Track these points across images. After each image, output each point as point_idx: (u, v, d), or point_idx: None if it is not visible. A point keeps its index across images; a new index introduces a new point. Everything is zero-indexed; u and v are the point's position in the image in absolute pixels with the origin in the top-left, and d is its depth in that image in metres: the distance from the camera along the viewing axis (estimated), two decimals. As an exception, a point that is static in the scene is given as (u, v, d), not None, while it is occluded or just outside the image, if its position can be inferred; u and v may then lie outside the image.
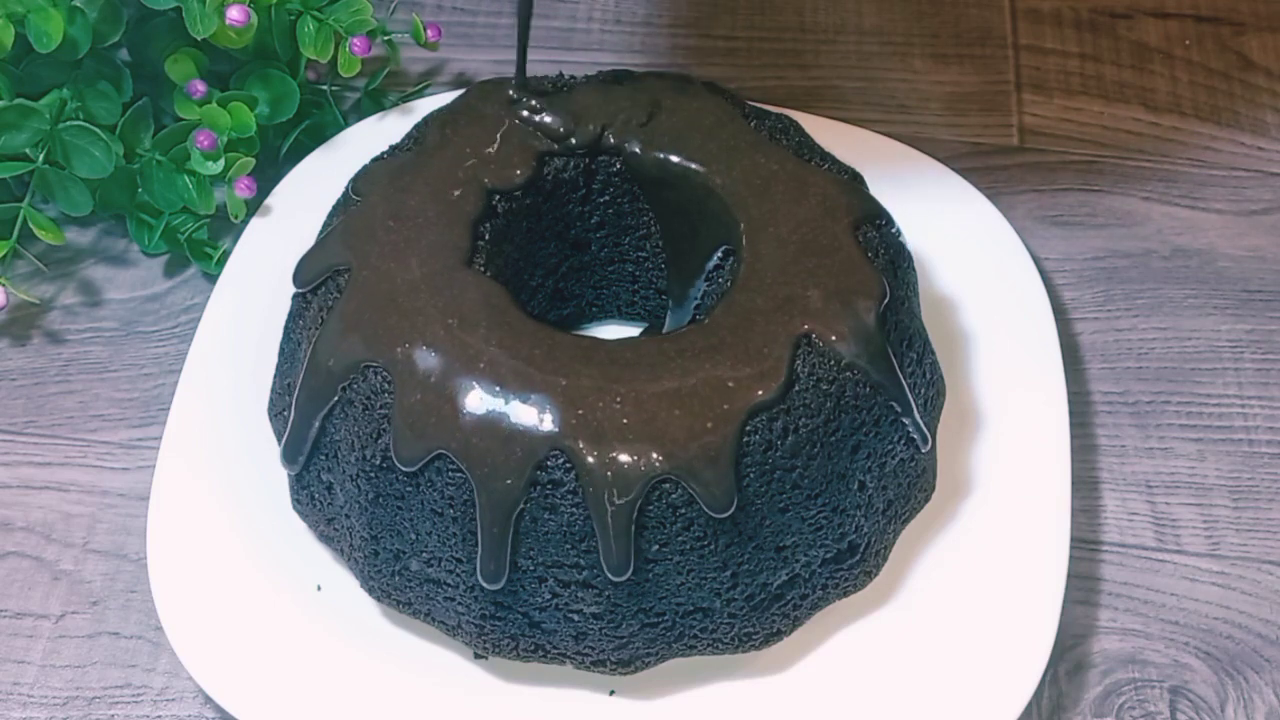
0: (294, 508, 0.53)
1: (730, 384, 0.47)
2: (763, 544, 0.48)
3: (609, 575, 0.47)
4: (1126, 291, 0.65)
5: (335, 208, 0.55)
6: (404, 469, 0.47)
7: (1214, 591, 0.56)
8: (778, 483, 0.47)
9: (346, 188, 0.54)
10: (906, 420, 0.50)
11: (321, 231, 0.54)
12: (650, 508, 0.46)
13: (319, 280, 0.51)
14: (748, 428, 0.46)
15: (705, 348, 0.48)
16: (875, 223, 0.53)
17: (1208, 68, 0.74)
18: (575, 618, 0.48)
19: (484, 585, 0.48)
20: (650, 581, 0.48)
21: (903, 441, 0.50)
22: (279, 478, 0.53)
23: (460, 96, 0.57)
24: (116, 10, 0.62)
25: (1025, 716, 0.52)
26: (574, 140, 0.54)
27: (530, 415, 0.46)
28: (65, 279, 0.65)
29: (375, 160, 0.55)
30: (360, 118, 0.66)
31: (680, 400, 0.46)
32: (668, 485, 0.46)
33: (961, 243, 0.61)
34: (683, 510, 0.46)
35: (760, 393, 0.47)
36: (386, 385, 0.48)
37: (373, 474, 0.48)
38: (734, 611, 0.49)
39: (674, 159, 0.54)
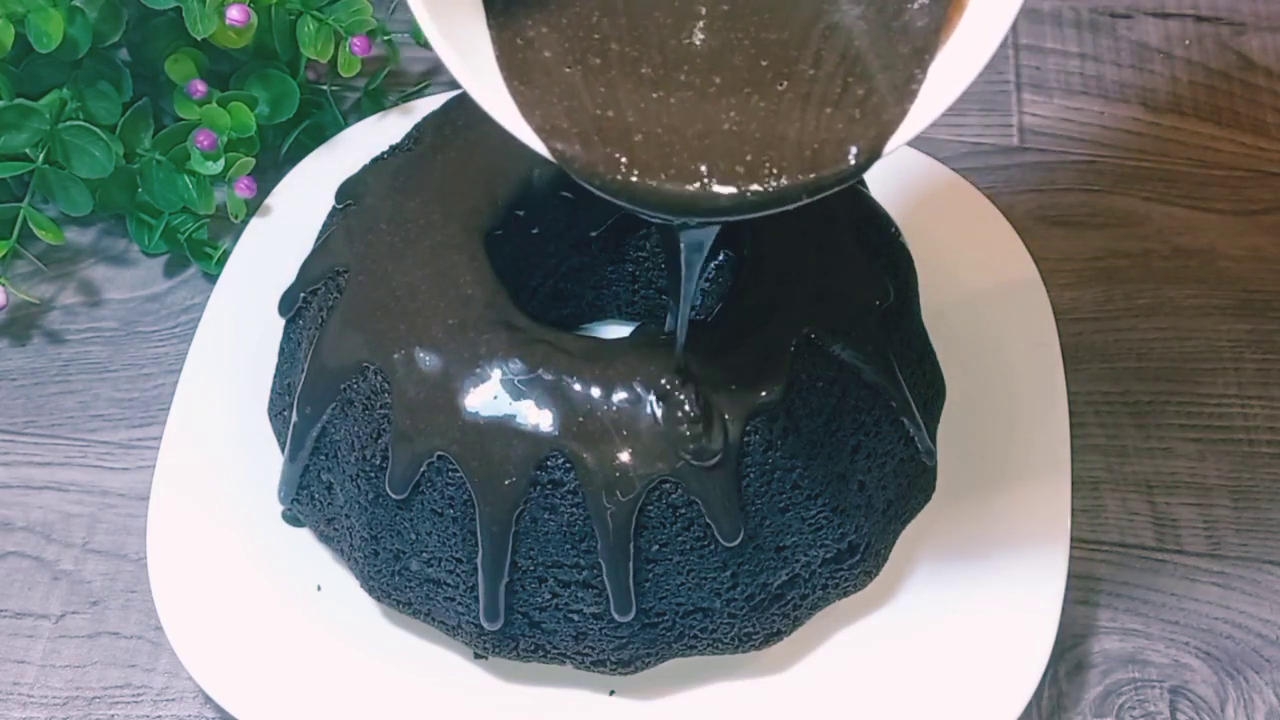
0: (293, 508, 0.53)
1: (730, 385, 0.47)
2: (763, 544, 0.48)
3: (615, 615, 0.47)
4: (1126, 291, 0.65)
5: (328, 218, 0.54)
6: (395, 496, 0.47)
7: (1214, 591, 0.56)
8: (778, 483, 0.47)
9: (344, 191, 0.54)
10: (905, 420, 0.50)
11: (317, 239, 0.54)
12: (650, 508, 0.46)
13: (318, 283, 0.51)
14: (748, 428, 0.46)
15: (705, 348, 0.48)
16: (875, 224, 0.53)
17: (1208, 68, 0.74)
18: (575, 618, 0.48)
19: (485, 626, 0.48)
20: (650, 581, 0.48)
21: (902, 442, 0.50)
22: (279, 478, 0.53)
23: (458, 96, 0.57)
24: (116, 10, 0.62)
25: (1025, 716, 0.52)
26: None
27: (530, 416, 0.46)
28: (65, 279, 0.65)
29: (365, 167, 0.55)
30: (360, 118, 0.66)
31: (681, 400, 0.46)
32: (668, 485, 0.46)
33: (961, 243, 0.61)
34: (683, 510, 0.46)
35: (761, 393, 0.47)
36: (386, 385, 0.48)
37: (373, 474, 0.48)
38: (734, 611, 0.49)
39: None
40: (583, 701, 0.51)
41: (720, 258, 0.55)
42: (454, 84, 0.72)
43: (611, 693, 0.51)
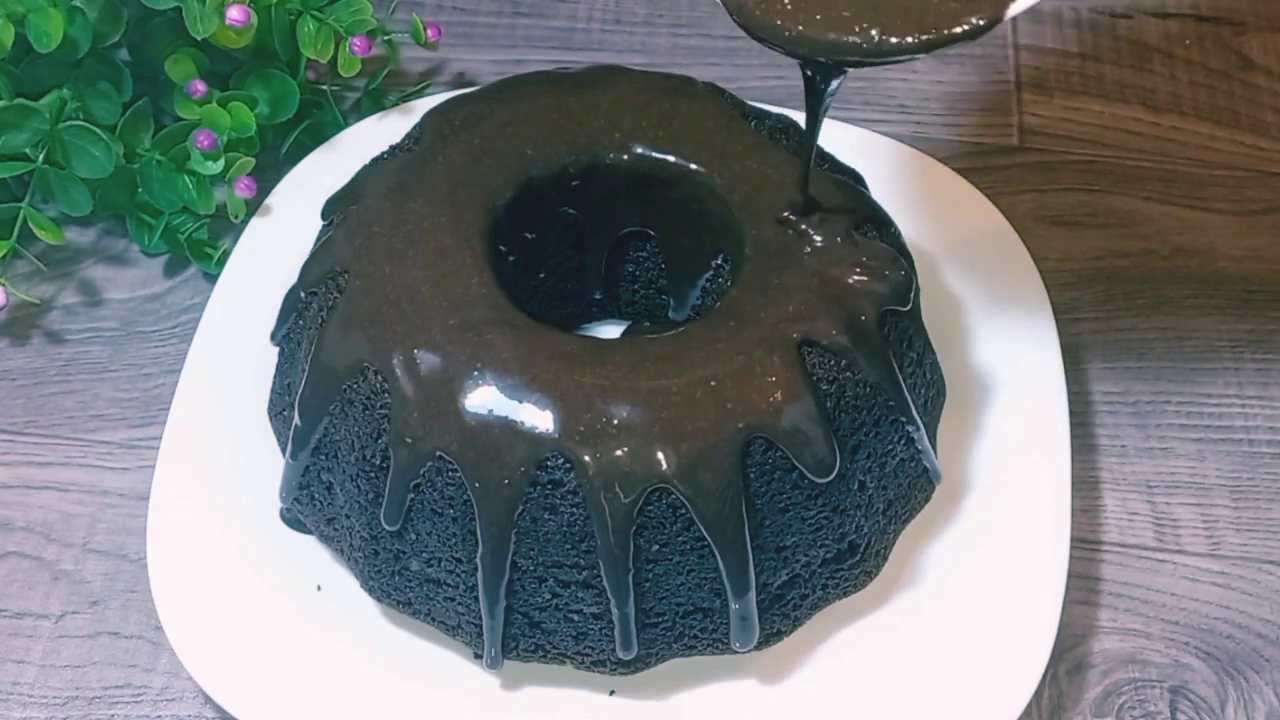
0: (293, 508, 0.53)
1: (731, 385, 0.47)
2: (763, 544, 0.48)
3: (619, 653, 0.48)
4: (1126, 291, 0.65)
5: (323, 227, 0.54)
6: (389, 527, 0.48)
7: (1214, 591, 0.56)
8: (778, 483, 0.47)
9: (330, 206, 0.54)
10: (905, 420, 0.50)
11: (316, 242, 0.54)
12: (650, 508, 0.46)
13: (318, 284, 0.51)
14: (748, 428, 0.46)
15: (706, 347, 0.48)
16: (875, 224, 0.53)
17: (1208, 68, 0.74)
18: (575, 618, 0.48)
19: (486, 669, 0.49)
20: (650, 581, 0.48)
21: (903, 442, 0.50)
22: (279, 478, 0.53)
23: (457, 96, 0.57)
24: (116, 10, 0.62)
25: (1025, 716, 0.52)
26: (571, 170, 0.54)
27: (530, 416, 0.46)
28: (65, 279, 0.65)
29: (356, 175, 0.54)
30: (360, 118, 0.66)
31: (682, 401, 0.46)
32: (668, 485, 0.46)
33: (961, 243, 0.61)
34: (683, 510, 0.46)
35: (760, 394, 0.47)
36: (386, 386, 0.47)
37: (373, 474, 0.48)
38: (734, 611, 0.49)
39: (674, 160, 0.54)
40: (583, 701, 0.51)
41: (720, 259, 0.55)
42: (454, 84, 0.72)
43: (611, 693, 0.51)
